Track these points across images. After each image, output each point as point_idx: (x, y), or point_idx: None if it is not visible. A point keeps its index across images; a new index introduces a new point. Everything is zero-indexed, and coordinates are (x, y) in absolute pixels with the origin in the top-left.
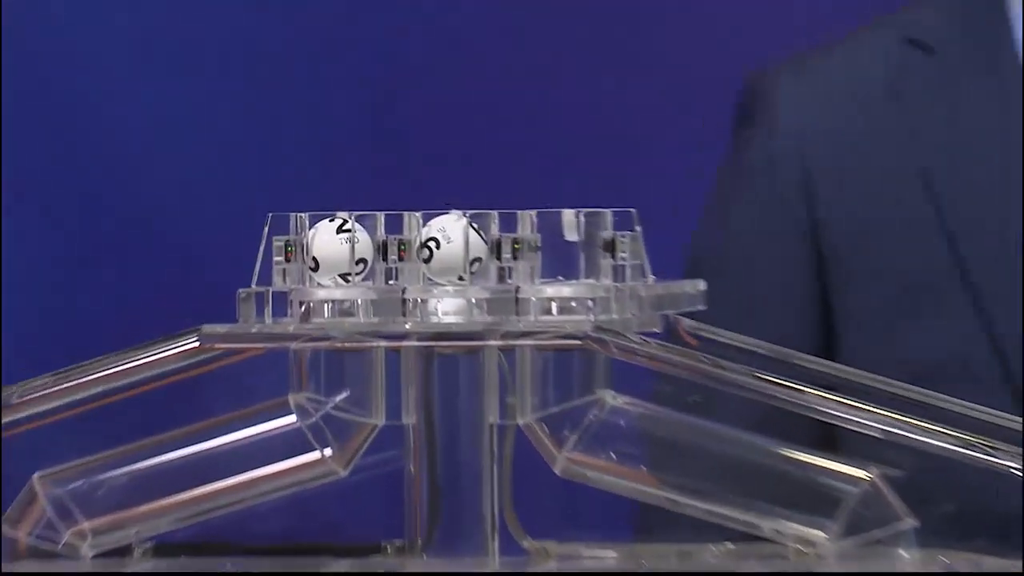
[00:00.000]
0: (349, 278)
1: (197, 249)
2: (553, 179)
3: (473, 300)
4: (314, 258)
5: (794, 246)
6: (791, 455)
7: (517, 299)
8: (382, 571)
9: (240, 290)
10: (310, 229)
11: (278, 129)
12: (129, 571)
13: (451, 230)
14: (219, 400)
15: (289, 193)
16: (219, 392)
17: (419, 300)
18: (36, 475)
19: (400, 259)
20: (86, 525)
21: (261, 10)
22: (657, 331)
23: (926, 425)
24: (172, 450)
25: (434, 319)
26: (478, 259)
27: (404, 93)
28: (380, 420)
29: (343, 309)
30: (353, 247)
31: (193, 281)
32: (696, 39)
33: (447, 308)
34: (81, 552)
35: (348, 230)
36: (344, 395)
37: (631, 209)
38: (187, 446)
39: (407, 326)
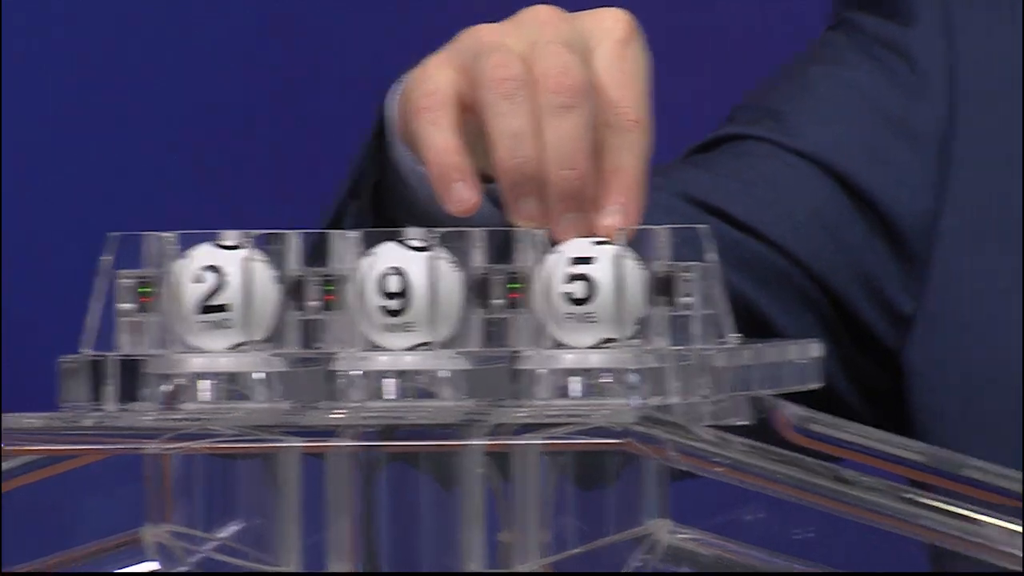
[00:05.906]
0: (244, 345)
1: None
2: None
3: (445, 372)
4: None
5: None
6: None
7: (515, 371)
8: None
9: (62, 358)
10: (179, 257)
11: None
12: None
13: (406, 259)
14: (26, 539)
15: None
16: (27, 525)
17: (357, 373)
18: None
19: (327, 305)
20: None
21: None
22: (744, 423)
23: None
24: None
25: (381, 403)
26: (460, 304)
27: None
28: (291, 567)
29: (233, 388)
30: (250, 281)
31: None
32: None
33: (401, 386)
34: None
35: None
36: (233, 529)
37: (700, 226)
38: None
39: (338, 415)
